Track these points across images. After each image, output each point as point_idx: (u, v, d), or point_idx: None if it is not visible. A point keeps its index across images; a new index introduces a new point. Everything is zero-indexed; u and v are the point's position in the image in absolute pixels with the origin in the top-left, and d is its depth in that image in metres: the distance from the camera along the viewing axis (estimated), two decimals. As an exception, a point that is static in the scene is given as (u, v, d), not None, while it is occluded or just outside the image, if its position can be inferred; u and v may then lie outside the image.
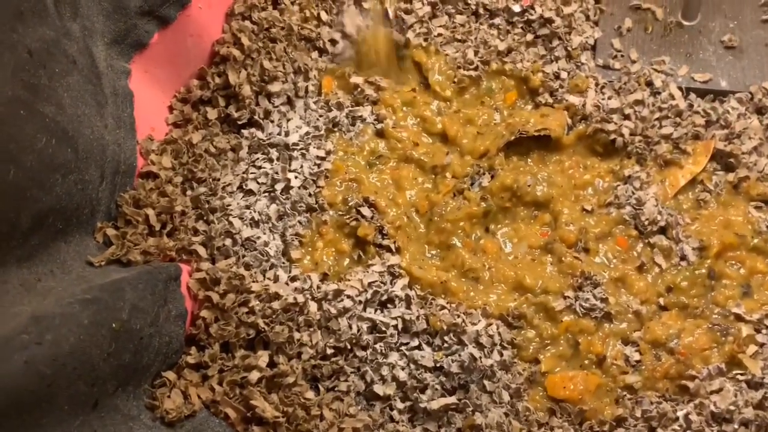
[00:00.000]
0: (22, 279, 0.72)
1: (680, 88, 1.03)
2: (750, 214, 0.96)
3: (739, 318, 0.89)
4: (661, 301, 0.92)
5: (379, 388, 0.86)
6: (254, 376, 0.82)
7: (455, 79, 1.04)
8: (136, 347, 0.75)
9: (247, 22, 1.02)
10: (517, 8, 1.07)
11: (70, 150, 0.78)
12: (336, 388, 0.86)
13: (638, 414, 0.85)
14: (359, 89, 1.03)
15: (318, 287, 0.89)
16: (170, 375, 0.80)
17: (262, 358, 0.84)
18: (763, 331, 0.88)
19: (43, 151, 0.74)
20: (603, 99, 1.02)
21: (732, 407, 0.82)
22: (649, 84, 1.03)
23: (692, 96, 1.03)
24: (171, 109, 1.00)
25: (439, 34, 1.07)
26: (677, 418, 0.84)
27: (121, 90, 0.91)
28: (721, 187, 0.99)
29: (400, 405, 0.86)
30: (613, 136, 1.00)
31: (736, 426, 0.81)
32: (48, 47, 0.78)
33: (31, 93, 0.74)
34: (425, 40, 1.06)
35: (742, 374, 0.85)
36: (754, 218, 0.95)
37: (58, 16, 0.82)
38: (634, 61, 1.06)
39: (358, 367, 0.87)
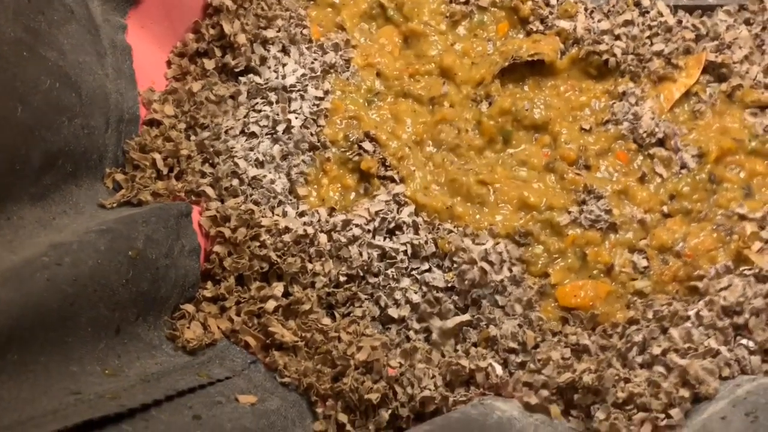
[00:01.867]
0: (38, 216, 0.74)
1: (668, 6, 1.04)
2: (746, 120, 0.97)
3: (742, 217, 0.90)
4: (665, 209, 0.93)
5: (393, 311, 0.87)
6: (270, 305, 0.84)
7: (448, 14, 1.05)
8: (153, 276, 0.76)
9: (237, -27, 1.03)
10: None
11: (74, 94, 0.80)
12: (351, 314, 0.87)
13: (650, 315, 0.86)
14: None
15: (327, 220, 0.91)
16: (189, 307, 0.82)
17: (277, 288, 0.85)
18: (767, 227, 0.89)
19: (48, 93, 0.76)
20: (593, 22, 1.04)
21: (741, 299, 0.83)
22: (638, 4, 1.05)
23: (681, 13, 1.04)
24: (169, 63, 1.01)
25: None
26: (689, 317, 0.85)
27: (119, 43, 0.92)
28: (715, 97, 1.00)
29: (416, 326, 0.87)
30: (605, 57, 1.01)
31: (747, 316, 0.82)
32: (45, -6, 0.80)
33: (32, 36, 0.75)
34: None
35: (749, 269, 0.86)
36: (750, 123, 0.96)
37: (51, -33, 0.83)
38: (621, -16, 1.07)
39: (371, 293, 0.89)
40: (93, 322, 0.68)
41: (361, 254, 0.88)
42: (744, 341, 0.81)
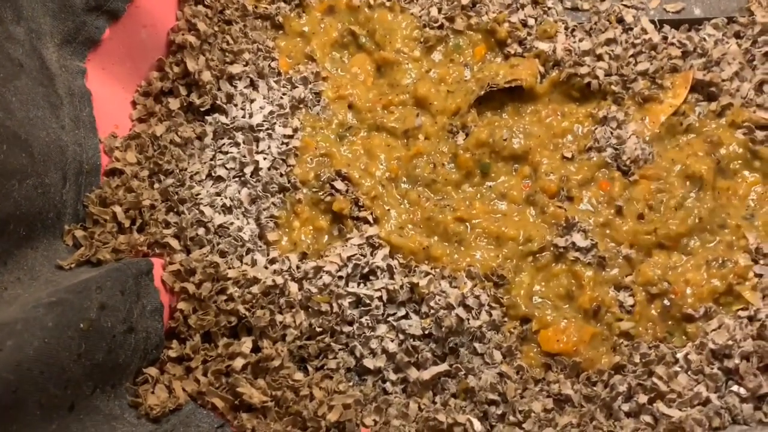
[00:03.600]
0: (-14, 289, 0.71)
1: (653, 22, 0.99)
2: (737, 139, 0.92)
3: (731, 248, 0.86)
4: (652, 239, 0.88)
5: (369, 362, 0.84)
6: (239, 363, 0.80)
7: (422, 39, 1.01)
8: (110, 345, 0.73)
9: (200, 7, 0.99)
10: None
11: (25, 154, 0.77)
12: (325, 367, 0.84)
13: (636, 359, 0.82)
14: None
15: (297, 267, 0.87)
16: (152, 371, 0.79)
17: (246, 344, 0.82)
18: (761, 261, 0.85)
19: (-6, 159, 0.72)
20: (574, 42, 0.99)
21: (730, 342, 0.79)
22: (620, 21, 1.00)
23: (666, 28, 0.99)
24: (134, 104, 0.98)
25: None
26: (677, 360, 0.81)
27: (77, 90, 0.89)
28: (704, 116, 0.95)
29: (392, 376, 0.84)
30: (587, 80, 0.96)
31: (737, 360, 0.78)
32: (-12, 53, 0.76)
33: (-27, 101, 0.72)
34: (389, -1, 1.03)
35: (743, 310, 0.82)
36: (741, 142, 0.91)
37: (-3, 21, 0.80)
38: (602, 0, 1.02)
39: (346, 343, 0.85)
40: (41, 405, 0.65)
41: (332, 305, 0.85)
42: (735, 388, 0.77)
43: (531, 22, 1.00)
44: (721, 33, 0.98)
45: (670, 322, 0.84)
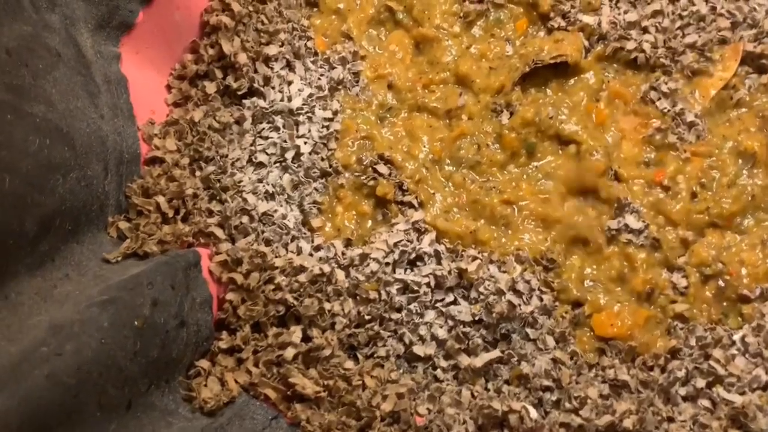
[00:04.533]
0: (37, 287, 0.70)
1: (700, -9, 0.96)
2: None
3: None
4: (704, 218, 0.86)
5: (419, 349, 0.83)
6: (290, 353, 0.80)
7: (461, 14, 0.98)
8: (163, 341, 0.73)
9: (233, -14, 0.97)
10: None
11: (67, 147, 0.75)
12: (375, 355, 0.84)
13: (692, 342, 0.81)
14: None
15: (343, 254, 0.86)
16: (204, 363, 0.79)
17: (296, 333, 0.81)
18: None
19: (38, 154, 0.71)
20: (619, 14, 0.96)
21: (791, 325, 0.78)
22: (667, -10, 0.96)
23: (714, -2, 0.96)
24: (169, 88, 0.96)
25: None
26: (734, 342, 0.80)
27: (113, 76, 0.87)
28: (755, 89, 0.92)
29: (443, 363, 0.83)
30: (634, 55, 0.93)
31: (797, 344, 0.77)
32: (27, 44, 0.74)
33: (15, 95, 0.70)
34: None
35: (799, 289, 0.81)
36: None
37: (34, 9, 0.78)
38: (647, -31, 0.99)
39: (395, 330, 0.84)
40: (101, 407, 0.64)
41: (380, 292, 0.84)
42: (795, 371, 0.76)
43: (574, -6, 0.97)
44: (772, 2, 0.94)
45: (725, 304, 0.83)
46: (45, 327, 0.63)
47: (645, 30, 0.95)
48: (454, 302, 0.85)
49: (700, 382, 0.77)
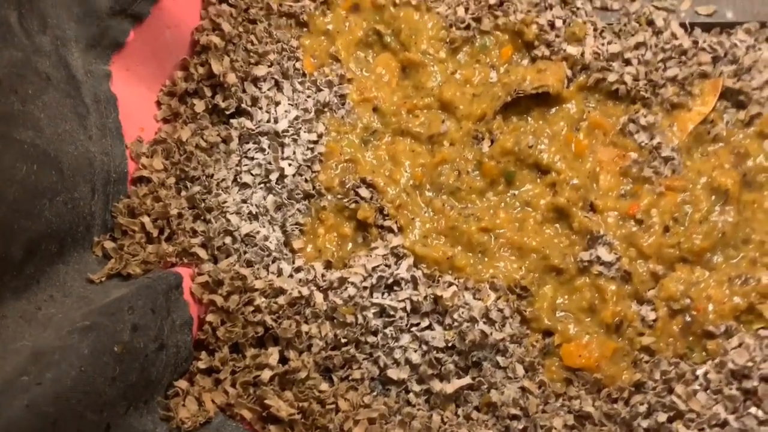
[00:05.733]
0: (22, 310, 0.73)
1: (683, 25, 0.97)
2: (765, 150, 0.92)
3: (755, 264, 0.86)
4: (675, 252, 0.88)
5: (393, 373, 0.86)
6: (266, 375, 0.82)
7: (448, 40, 1.00)
8: (142, 365, 0.75)
9: (224, 6, 0.98)
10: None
11: (55, 171, 0.77)
12: (350, 377, 0.86)
13: (656, 376, 0.83)
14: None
15: (323, 276, 0.89)
16: (182, 384, 0.81)
17: (273, 355, 0.84)
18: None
19: (25, 180, 0.73)
20: (603, 44, 0.97)
21: (750, 363, 0.80)
22: (650, 23, 0.98)
23: (697, 31, 0.98)
24: (159, 104, 0.98)
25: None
26: (696, 377, 0.82)
27: (103, 95, 0.89)
28: (732, 125, 0.94)
29: (416, 387, 0.86)
30: (615, 86, 0.95)
31: (755, 382, 0.79)
32: (17, 70, 0.76)
33: (4, 123, 0.72)
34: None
35: (764, 328, 0.83)
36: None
37: (24, 33, 0.79)
38: (633, 0, 1.00)
39: (370, 353, 0.87)
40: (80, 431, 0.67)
41: (356, 316, 0.86)
42: (753, 410, 0.79)
43: (559, 23, 0.98)
44: (753, 39, 0.96)
45: (690, 338, 0.85)
46: (27, 354, 0.66)
47: (627, 62, 0.96)
48: (429, 327, 0.87)
49: (662, 417, 0.80)
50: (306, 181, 0.93)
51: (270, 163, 0.92)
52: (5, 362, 0.65)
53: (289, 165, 0.92)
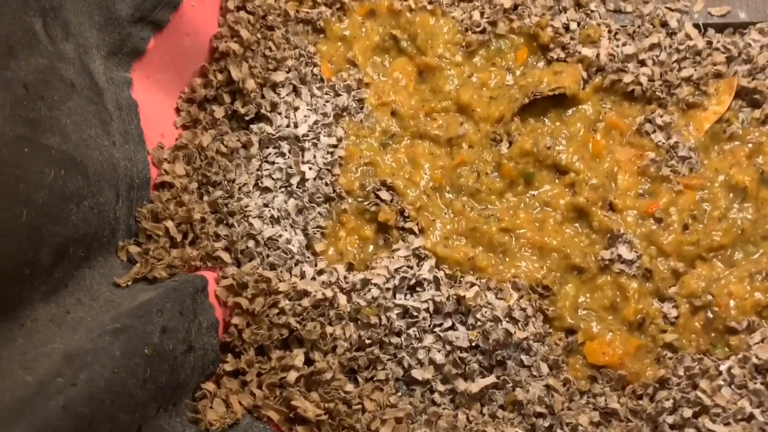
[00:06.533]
0: (51, 314, 0.73)
1: (697, 25, 0.99)
2: (781, 150, 0.92)
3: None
4: (695, 250, 0.89)
5: (417, 373, 0.86)
6: (292, 376, 0.83)
7: (464, 43, 1.01)
8: (172, 367, 0.75)
9: (242, 13, 0.99)
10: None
11: (81, 177, 0.78)
12: (375, 378, 0.86)
13: (680, 372, 0.84)
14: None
15: (345, 278, 0.89)
16: (210, 386, 0.81)
17: (298, 357, 0.84)
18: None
19: (53, 185, 0.74)
20: (617, 46, 0.98)
21: (775, 358, 0.80)
22: (664, 24, 0.99)
23: (711, 32, 0.99)
24: (178, 110, 0.99)
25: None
26: (720, 373, 0.83)
27: (125, 102, 0.90)
28: (747, 123, 0.95)
29: (440, 387, 0.86)
30: (631, 87, 0.96)
31: (781, 377, 0.79)
32: (44, 76, 0.77)
33: (32, 128, 0.73)
34: (429, 2, 1.02)
35: (785, 322, 0.84)
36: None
37: (49, 40, 0.80)
38: (646, 2, 1.01)
39: (394, 353, 0.87)
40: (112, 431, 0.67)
41: (380, 317, 0.86)
42: (779, 404, 0.79)
43: (573, 26, 1.00)
44: (766, 38, 0.97)
45: (713, 334, 0.86)
46: (59, 356, 0.66)
47: (642, 63, 0.97)
48: (452, 327, 0.88)
49: (687, 412, 0.80)
50: (326, 184, 0.93)
51: (291, 167, 0.93)
52: (39, 364, 0.66)
53: (310, 169, 0.93)
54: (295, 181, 0.93)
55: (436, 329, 0.88)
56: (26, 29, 0.76)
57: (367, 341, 0.86)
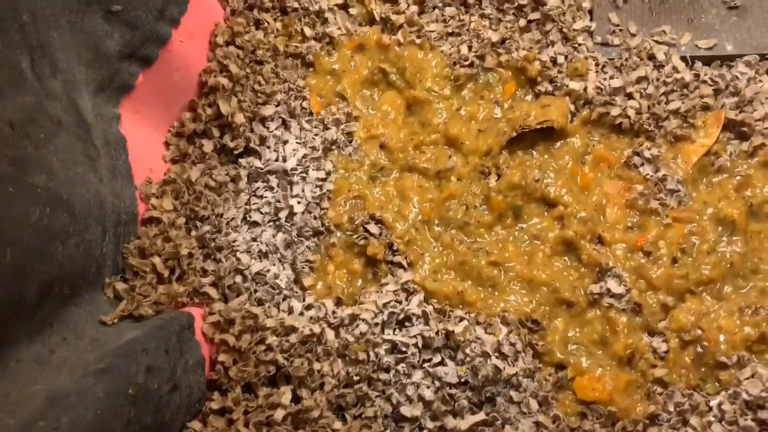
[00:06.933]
0: (36, 354, 0.72)
1: (684, 58, 0.99)
2: (770, 183, 0.92)
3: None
4: (684, 284, 0.89)
5: (406, 410, 0.85)
6: (279, 414, 0.82)
7: (452, 77, 1.01)
8: (157, 406, 0.75)
9: (231, 48, 0.99)
10: (505, -8, 1.04)
11: (67, 214, 0.78)
12: (363, 415, 0.86)
13: (671, 408, 0.83)
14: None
15: (333, 313, 0.89)
16: (196, 425, 0.81)
17: (285, 394, 0.84)
18: (794, 307, 0.86)
19: (38, 223, 0.73)
20: (605, 79, 0.99)
21: (764, 393, 0.80)
22: (652, 57, 0.99)
23: (698, 64, 0.99)
24: (167, 145, 0.99)
25: (431, 30, 1.04)
26: (710, 409, 0.82)
27: (113, 137, 0.90)
28: (736, 156, 0.95)
29: (430, 424, 0.85)
30: (618, 120, 0.96)
31: (771, 413, 0.79)
32: (30, 115, 0.77)
33: (17, 167, 0.73)
34: (418, 36, 1.03)
35: (774, 356, 0.83)
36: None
37: (36, 78, 0.80)
38: (633, 35, 1.02)
39: (382, 390, 0.87)
40: (95, 475, 0.66)
41: (368, 353, 0.86)
42: (769, 440, 0.78)
43: (561, 59, 1.00)
44: (753, 71, 0.97)
45: (703, 369, 0.85)
46: (43, 398, 0.66)
47: (630, 96, 0.98)
48: (441, 363, 0.87)
49: (677, 449, 0.80)
50: (315, 218, 0.93)
51: (279, 202, 0.93)
52: (21, 407, 0.65)
53: (298, 203, 0.93)
54: (283, 215, 0.93)
55: (425, 365, 0.87)
56: (13, 68, 0.76)
57: (356, 378, 0.86)
